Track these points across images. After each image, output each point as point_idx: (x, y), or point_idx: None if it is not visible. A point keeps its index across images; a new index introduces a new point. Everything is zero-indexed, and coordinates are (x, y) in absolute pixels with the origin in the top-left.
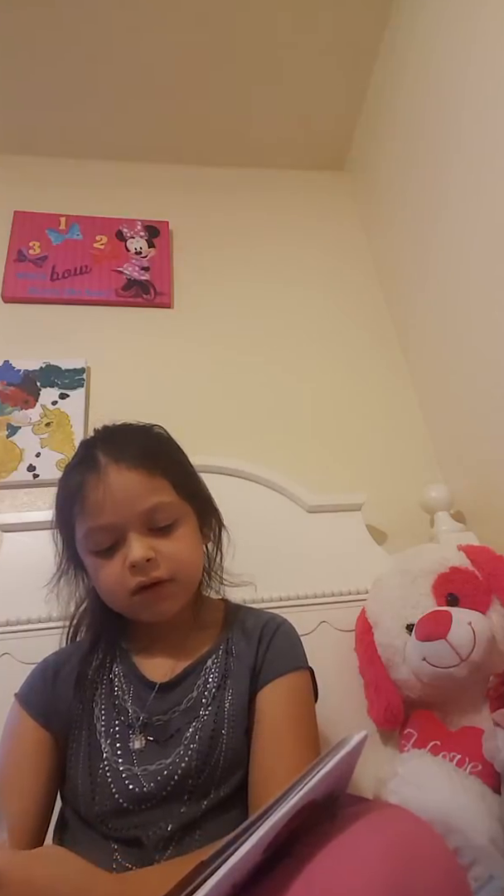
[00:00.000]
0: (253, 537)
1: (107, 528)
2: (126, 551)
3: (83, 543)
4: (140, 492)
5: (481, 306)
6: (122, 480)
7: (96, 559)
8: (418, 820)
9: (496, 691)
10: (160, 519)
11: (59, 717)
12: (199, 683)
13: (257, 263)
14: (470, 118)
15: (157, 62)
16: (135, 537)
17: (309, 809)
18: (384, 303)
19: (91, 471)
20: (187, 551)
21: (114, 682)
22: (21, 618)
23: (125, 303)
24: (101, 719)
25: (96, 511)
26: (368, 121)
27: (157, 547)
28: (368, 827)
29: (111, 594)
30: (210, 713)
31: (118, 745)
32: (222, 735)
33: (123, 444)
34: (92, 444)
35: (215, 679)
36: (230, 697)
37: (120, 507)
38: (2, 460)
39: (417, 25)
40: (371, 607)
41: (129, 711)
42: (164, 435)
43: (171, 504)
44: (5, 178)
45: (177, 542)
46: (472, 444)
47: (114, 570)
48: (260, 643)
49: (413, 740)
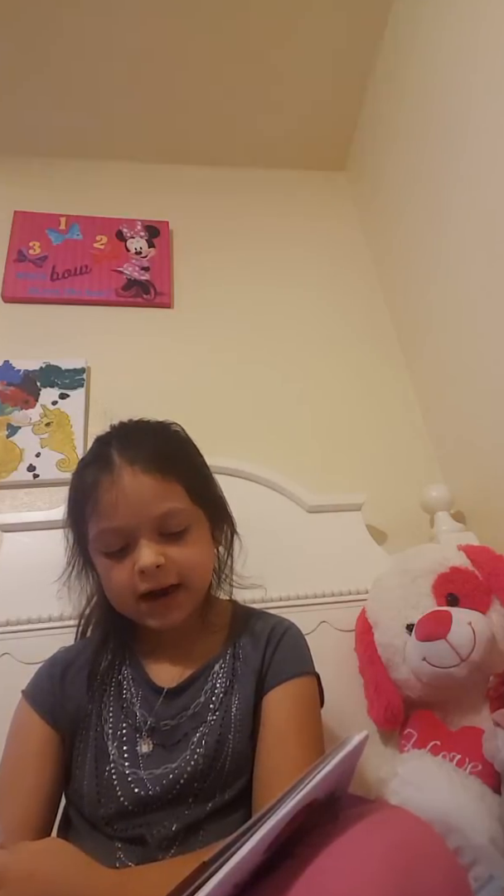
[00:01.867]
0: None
1: (118, 531)
2: (136, 556)
3: (94, 543)
4: (153, 497)
5: (481, 306)
6: (135, 484)
7: (107, 560)
8: (419, 821)
9: (496, 691)
10: (172, 525)
11: (65, 716)
12: (206, 689)
13: (257, 263)
14: (470, 118)
15: (157, 62)
16: (145, 543)
17: (310, 809)
18: (384, 303)
19: (105, 471)
20: (198, 558)
21: (122, 684)
22: (21, 618)
23: (125, 303)
24: (108, 721)
25: (109, 513)
26: (368, 121)
27: (168, 553)
28: (370, 828)
29: (119, 598)
30: (217, 718)
31: (125, 749)
32: (228, 739)
33: (138, 445)
34: (107, 441)
35: (223, 684)
36: (237, 702)
37: (132, 511)
38: (2, 460)
39: (418, 25)
40: (371, 607)
41: (136, 715)
42: (182, 435)
43: (183, 510)
44: (5, 178)
45: (188, 549)
46: (472, 444)
47: (123, 573)
48: (267, 647)
49: (413, 740)
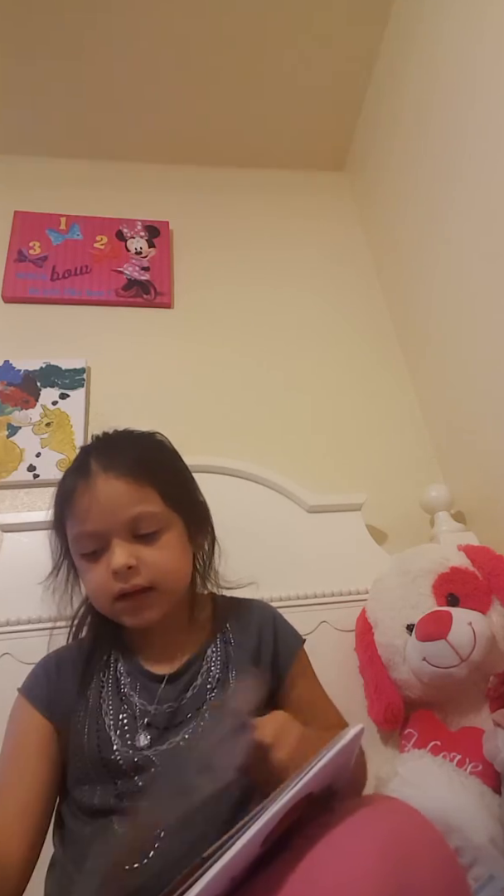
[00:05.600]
0: (253, 537)
1: (92, 534)
2: (109, 558)
3: (73, 546)
4: (125, 501)
5: (482, 306)
6: (107, 489)
7: (84, 562)
8: (413, 811)
9: (496, 691)
10: (144, 527)
11: (62, 709)
12: (202, 671)
13: (257, 263)
14: (471, 118)
15: (157, 62)
16: (118, 544)
17: (307, 802)
18: (384, 303)
19: (82, 477)
20: (170, 559)
21: (119, 678)
22: (21, 618)
23: (125, 303)
24: (108, 714)
25: (82, 517)
26: (368, 121)
27: (140, 554)
28: (364, 819)
29: (96, 598)
30: (216, 697)
31: (128, 737)
32: None
33: (116, 452)
34: (88, 450)
35: (217, 667)
36: (234, 682)
37: (104, 515)
38: (2, 460)
39: (418, 24)
40: (371, 607)
41: (136, 705)
42: (163, 443)
43: (156, 514)
44: (5, 178)
45: (160, 551)
46: (472, 444)
47: (99, 574)
48: (261, 629)
49: (413, 740)
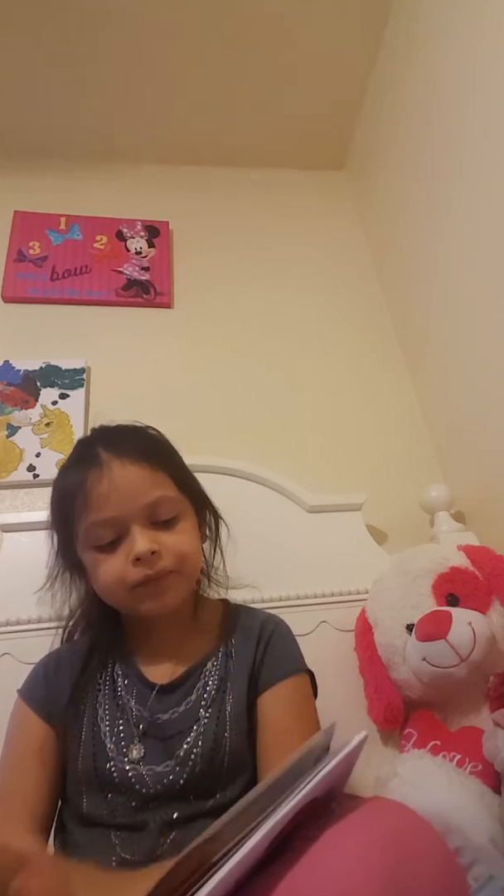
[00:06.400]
0: (253, 537)
1: (110, 521)
2: (129, 545)
3: (84, 539)
4: (144, 485)
5: (482, 306)
6: (126, 474)
7: (97, 554)
8: (410, 812)
9: (496, 691)
10: (162, 512)
11: (60, 710)
12: (198, 686)
13: (257, 263)
14: (471, 118)
15: (157, 62)
16: (138, 530)
17: (310, 806)
18: (384, 303)
19: (93, 466)
20: (189, 544)
21: (116, 682)
22: (21, 618)
23: (125, 303)
24: (104, 720)
25: (100, 504)
26: (368, 121)
27: (160, 539)
28: (362, 820)
29: (111, 589)
30: (211, 716)
31: (123, 745)
32: (225, 738)
33: (123, 440)
34: (91, 442)
35: (214, 682)
36: (231, 700)
37: (124, 501)
38: (2, 460)
39: (418, 24)
40: (371, 607)
41: (132, 711)
42: (161, 435)
43: (173, 498)
44: (5, 178)
45: (178, 536)
46: (472, 444)
47: (115, 564)
48: (258, 645)
49: (413, 740)
